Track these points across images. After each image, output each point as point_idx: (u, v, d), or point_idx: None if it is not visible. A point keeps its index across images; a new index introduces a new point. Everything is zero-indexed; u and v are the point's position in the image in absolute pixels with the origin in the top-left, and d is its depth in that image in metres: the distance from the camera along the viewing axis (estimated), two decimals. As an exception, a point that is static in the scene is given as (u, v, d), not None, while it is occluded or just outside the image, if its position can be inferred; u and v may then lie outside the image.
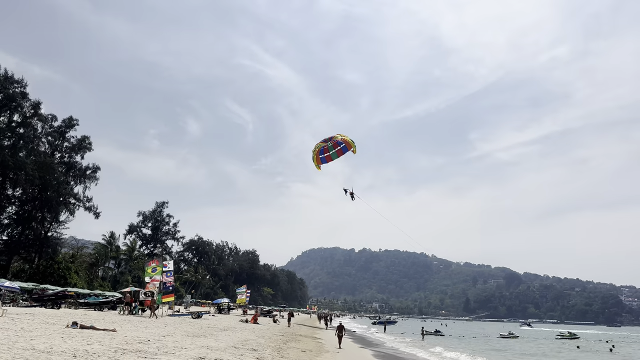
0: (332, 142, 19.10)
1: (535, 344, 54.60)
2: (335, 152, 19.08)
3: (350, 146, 18.81)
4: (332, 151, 19.13)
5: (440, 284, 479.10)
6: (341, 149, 18.95)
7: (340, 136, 19.13)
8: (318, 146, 19.36)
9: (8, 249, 61.73)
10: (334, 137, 19.27)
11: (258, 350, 18.29)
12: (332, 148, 19.16)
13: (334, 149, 19.13)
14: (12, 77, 56.46)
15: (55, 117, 65.64)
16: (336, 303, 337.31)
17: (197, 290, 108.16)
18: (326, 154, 19.25)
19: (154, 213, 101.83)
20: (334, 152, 19.13)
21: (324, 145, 19.18)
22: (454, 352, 35.38)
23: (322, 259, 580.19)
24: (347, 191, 19.85)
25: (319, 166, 19.60)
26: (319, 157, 19.31)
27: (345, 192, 19.87)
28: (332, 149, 19.15)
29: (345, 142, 18.84)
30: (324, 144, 19.21)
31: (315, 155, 19.38)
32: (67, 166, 66.15)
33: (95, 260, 77.02)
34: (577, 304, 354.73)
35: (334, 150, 19.07)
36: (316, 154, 19.33)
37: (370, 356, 27.13)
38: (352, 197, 19.96)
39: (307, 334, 39.25)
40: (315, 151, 19.35)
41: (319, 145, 19.36)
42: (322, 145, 19.18)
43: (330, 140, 19.18)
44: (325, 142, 19.24)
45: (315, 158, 19.43)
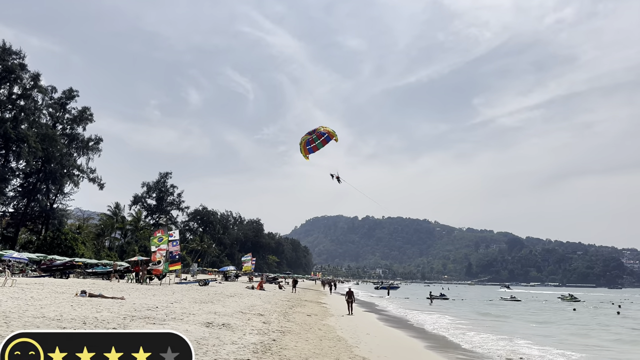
0: (316, 134, 21.13)
1: (540, 306, 55.29)
2: (320, 142, 21.09)
3: (332, 136, 20.93)
4: (318, 141, 21.09)
5: (443, 249, 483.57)
6: (325, 139, 21.04)
7: (323, 128, 21.21)
8: (304, 139, 21.31)
9: (15, 221, 62.35)
10: (317, 129, 21.27)
11: (265, 315, 18.57)
12: (317, 139, 21.13)
13: (318, 140, 21.10)
14: (10, 49, 55.78)
15: (55, 88, 65.27)
16: (340, 270, 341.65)
17: (204, 259, 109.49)
18: (312, 144, 21.16)
19: (157, 184, 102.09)
20: (319, 142, 21.11)
21: (309, 137, 21.16)
22: (461, 317, 35.99)
23: (325, 227, 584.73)
24: (334, 176, 21.76)
25: (307, 156, 21.47)
26: (306, 148, 21.20)
27: (332, 176, 21.77)
28: (317, 140, 21.12)
29: (328, 133, 20.94)
30: (309, 137, 21.17)
31: (302, 147, 21.26)
32: (70, 138, 66.06)
33: (101, 231, 77.74)
34: (579, 267, 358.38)
35: (319, 140, 21.07)
36: (303, 146, 21.24)
37: (375, 320, 27.55)
38: (339, 181, 21.90)
39: (312, 300, 39.84)
40: (302, 143, 21.26)
41: (304, 137, 21.31)
42: (308, 137, 21.17)
43: (315, 133, 21.15)
44: (310, 135, 21.20)
45: (302, 150, 21.29)
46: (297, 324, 17.90)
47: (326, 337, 15.50)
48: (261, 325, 15.03)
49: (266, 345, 11.18)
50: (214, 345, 10.05)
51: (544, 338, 21.75)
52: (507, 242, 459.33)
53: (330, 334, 16.40)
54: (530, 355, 15.55)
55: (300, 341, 13.22)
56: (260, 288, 43.65)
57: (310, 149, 21.29)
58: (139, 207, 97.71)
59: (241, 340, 11.26)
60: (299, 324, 18.00)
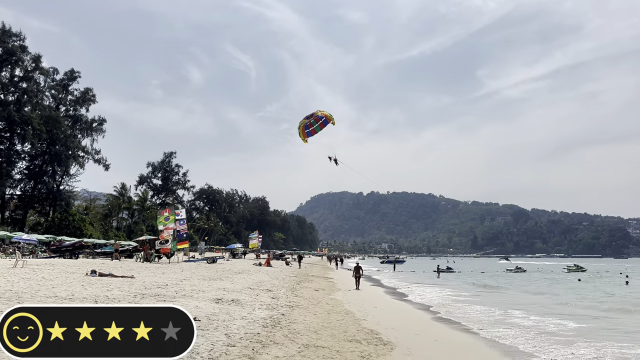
0: (314, 117, 21.86)
1: (544, 277, 55.61)
2: (318, 125, 21.86)
3: (329, 119, 21.73)
4: (316, 125, 21.85)
5: (448, 223, 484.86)
6: (322, 123, 21.80)
7: (320, 112, 22.01)
8: (302, 122, 22.02)
9: (23, 204, 62.86)
10: (314, 113, 22.04)
11: (273, 291, 18.80)
12: (315, 123, 21.87)
13: (316, 123, 21.86)
14: (10, 31, 55.31)
15: (56, 70, 64.92)
16: (346, 245, 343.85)
17: (211, 238, 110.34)
18: (310, 128, 21.92)
19: (162, 163, 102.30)
20: (317, 126, 21.87)
21: (308, 121, 21.89)
22: (464, 290, 36.29)
23: (330, 203, 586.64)
24: (331, 158, 22.61)
25: (305, 140, 22.30)
26: (304, 131, 21.98)
27: (330, 159, 22.62)
28: (315, 123, 21.87)
29: (325, 117, 21.74)
30: (307, 120, 21.90)
31: (301, 131, 22.04)
32: (73, 119, 65.98)
33: (108, 212, 78.31)
34: (585, 237, 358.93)
35: (317, 124, 21.84)
36: (302, 129, 21.99)
37: (382, 293, 27.84)
38: (336, 163, 22.74)
39: (319, 275, 40.25)
40: (300, 127, 22.03)
41: (303, 121, 22.04)
42: (306, 121, 21.90)
43: (312, 117, 21.88)
44: (308, 119, 21.91)
45: (301, 133, 22.07)
46: (305, 298, 18.12)
47: (334, 310, 15.70)
48: (270, 301, 15.23)
49: (275, 319, 11.35)
50: (224, 320, 10.21)
51: (543, 308, 21.92)
52: (512, 215, 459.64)
53: (338, 308, 16.60)
54: (525, 326, 15.69)
55: (309, 315, 13.40)
56: (268, 265, 44.07)
57: (309, 132, 22.04)
58: (145, 187, 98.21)
59: (250, 315, 11.43)
60: (306, 298, 18.23)
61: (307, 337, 9.79)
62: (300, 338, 9.53)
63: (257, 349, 7.80)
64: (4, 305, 9.19)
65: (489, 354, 10.84)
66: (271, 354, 7.72)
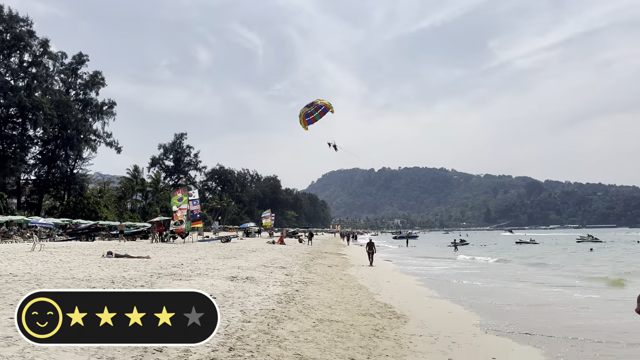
0: (314, 106, 23.00)
1: (556, 249, 55.39)
2: (317, 114, 23.04)
3: (328, 108, 22.95)
4: (315, 114, 23.01)
5: (461, 197, 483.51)
6: (322, 111, 23.00)
7: (320, 101, 23.26)
8: (303, 111, 23.17)
9: (38, 188, 63.86)
10: (314, 102, 23.19)
11: (286, 268, 18.97)
12: (315, 111, 23.00)
13: (316, 112, 23.01)
14: (17, 16, 55.33)
15: (65, 54, 65.11)
16: (358, 222, 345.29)
17: (224, 217, 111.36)
18: (311, 117, 23.08)
19: (174, 145, 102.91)
20: (317, 114, 23.04)
21: (308, 110, 23.05)
22: (481, 257, 36.39)
23: (342, 180, 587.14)
24: (331, 144, 23.85)
25: (306, 127, 23.42)
26: (305, 120, 23.12)
27: (329, 145, 23.84)
28: (315, 112, 23.01)
29: (325, 105, 23.00)
30: (308, 109, 23.05)
31: (302, 119, 23.18)
32: (83, 103, 66.37)
33: (122, 194, 79.29)
34: (599, 207, 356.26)
35: (317, 112, 23.00)
36: (302, 118, 23.14)
37: (395, 268, 27.92)
38: (335, 149, 24.10)
39: (332, 251, 40.48)
40: (301, 115, 23.20)
41: (303, 110, 23.19)
42: (306, 110, 23.06)
43: (312, 106, 23.04)
44: (309, 108, 23.05)
45: (302, 121, 23.23)
46: (319, 274, 18.27)
47: (347, 286, 15.81)
48: (284, 277, 15.37)
49: (290, 295, 11.46)
50: (239, 297, 10.33)
51: (551, 277, 21.87)
52: (525, 187, 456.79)
53: (351, 283, 16.72)
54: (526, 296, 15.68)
55: (323, 291, 13.52)
56: (281, 242, 44.42)
57: (309, 121, 23.18)
58: (157, 168, 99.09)
59: (265, 292, 11.56)
60: (320, 274, 18.37)
61: (321, 312, 9.89)
62: (314, 313, 9.63)
63: (272, 324, 7.89)
64: (23, 288, 9.38)
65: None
66: (286, 328, 7.81)
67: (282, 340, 7.00)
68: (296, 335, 7.44)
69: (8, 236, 36.97)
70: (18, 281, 10.71)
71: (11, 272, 12.53)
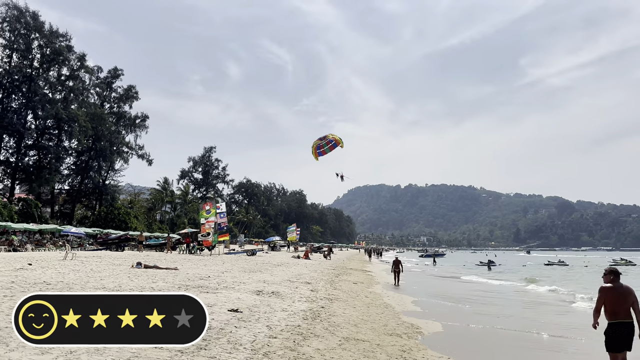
0: (326, 140, 25.28)
1: (584, 270, 53.66)
2: (328, 147, 25.19)
3: (338, 143, 25.11)
4: (326, 147, 25.19)
5: (490, 215, 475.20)
6: (332, 146, 25.19)
7: (332, 135, 25.49)
8: (315, 143, 25.34)
9: (71, 198, 65.59)
10: (326, 136, 25.50)
11: (312, 283, 18.91)
12: (326, 145, 25.23)
13: (327, 145, 25.21)
14: (57, 32, 57.35)
15: (100, 68, 67.18)
16: (384, 238, 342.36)
17: (249, 230, 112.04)
18: (322, 149, 25.21)
19: (203, 158, 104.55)
20: (327, 148, 25.21)
21: (320, 143, 25.25)
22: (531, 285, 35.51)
23: (368, 196, 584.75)
24: (338, 175, 26.32)
25: (317, 158, 25.46)
26: (316, 152, 25.25)
27: (337, 175, 26.34)
28: (326, 146, 25.22)
29: (335, 140, 25.17)
30: (320, 142, 25.25)
31: (313, 150, 25.32)
32: (117, 116, 68.18)
33: (152, 205, 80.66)
34: (634, 230, 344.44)
35: (327, 146, 25.21)
36: (314, 149, 25.25)
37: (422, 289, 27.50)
38: (342, 179, 26.62)
39: (358, 268, 40.20)
40: (313, 147, 25.31)
41: (316, 142, 25.36)
42: (319, 142, 25.28)
43: (324, 139, 25.31)
44: (321, 140, 25.26)
45: (313, 152, 25.36)
46: (344, 291, 18.15)
47: (373, 304, 15.66)
48: (309, 293, 15.32)
49: (315, 312, 11.42)
50: (265, 312, 10.34)
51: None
52: (556, 207, 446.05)
53: (377, 301, 16.56)
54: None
55: (348, 308, 13.42)
56: (306, 257, 44.35)
57: (320, 153, 25.25)
58: (187, 181, 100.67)
59: (291, 308, 11.54)
60: (345, 291, 18.25)
61: (347, 330, 9.81)
62: (340, 331, 9.56)
63: (298, 341, 7.87)
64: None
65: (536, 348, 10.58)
66: (312, 346, 7.77)
67: (309, 358, 6.97)
68: (322, 354, 7.39)
69: (42, 244, 38.01)
70: (52, 289, 10.97)
71: (45, 280, 12.85)
